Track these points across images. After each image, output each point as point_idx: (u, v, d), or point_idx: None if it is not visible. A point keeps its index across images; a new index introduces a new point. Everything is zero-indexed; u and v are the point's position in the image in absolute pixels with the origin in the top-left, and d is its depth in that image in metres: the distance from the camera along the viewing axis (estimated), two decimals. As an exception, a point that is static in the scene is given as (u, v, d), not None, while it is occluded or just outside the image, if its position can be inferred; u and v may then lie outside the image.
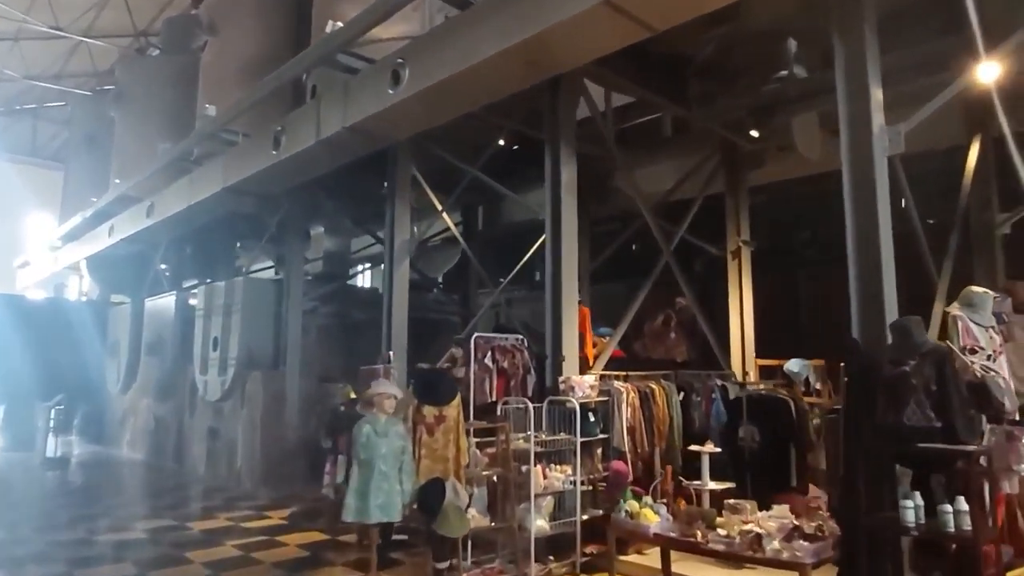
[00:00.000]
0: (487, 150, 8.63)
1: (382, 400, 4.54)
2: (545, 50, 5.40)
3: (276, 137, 8.21)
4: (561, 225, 6.03)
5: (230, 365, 9.58)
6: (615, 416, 5.82)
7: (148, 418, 12.17)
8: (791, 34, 6.13)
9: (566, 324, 5.86)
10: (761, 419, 5.50)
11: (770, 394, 5.65)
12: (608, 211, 10.60)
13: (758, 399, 5.63)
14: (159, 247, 13.34)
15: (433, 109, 6.54)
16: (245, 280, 9.87)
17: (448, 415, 4.85)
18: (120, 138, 15.79)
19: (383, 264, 13.14)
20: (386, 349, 7.63)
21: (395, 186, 7.83)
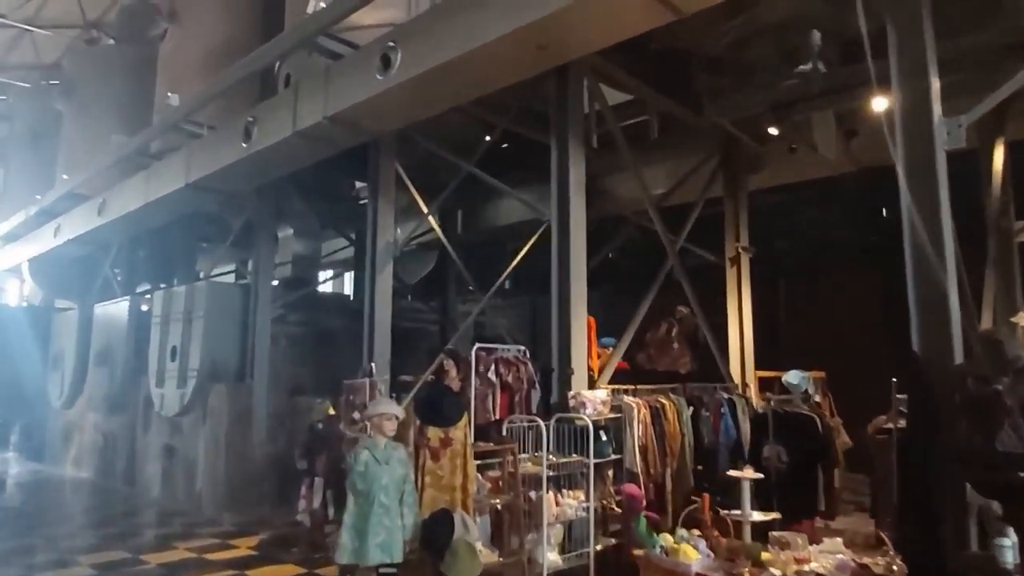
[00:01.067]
0: (474, 147, 8.14)
1: (382, 421, 3.95)
2: (558, 33, 4.92)
3: (247, 128, 7.51)
4: (570, 226, 5.54)
5: (190, 377, 8.79)
6: (626, 434, 5.34)
7: (95, 434, 11.20)
8: (810, 26, 5.77)
9: (575, 335, 5.36)
10: (787, 437, 5.09)
11: (795, 410, 5.24)
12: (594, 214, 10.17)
13: (784, 416, 5.21)
14: (110, 249, 12.38)
15: (427, 98, 5.99)
16: (208, 284, 9.10)
17: (455, 438, 4.29)
18: (68, 132, 14.74)
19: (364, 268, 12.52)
20: (368, 361, 7.00)
21: (377, 183, 7.23)
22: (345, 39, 6.68)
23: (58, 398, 12.48)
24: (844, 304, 9.83)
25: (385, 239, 7.21)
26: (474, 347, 5.29)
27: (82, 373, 11.93)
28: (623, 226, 9.11)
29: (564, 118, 5.76)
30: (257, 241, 8.99)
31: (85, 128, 14.38)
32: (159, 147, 10.31)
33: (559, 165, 5.73)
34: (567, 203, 5.59)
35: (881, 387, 7.91)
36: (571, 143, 5.68)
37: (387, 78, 5.90)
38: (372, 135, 6.94)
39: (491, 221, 11.63)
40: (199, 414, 8.75)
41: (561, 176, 5.69)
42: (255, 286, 8.82)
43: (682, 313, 7.45)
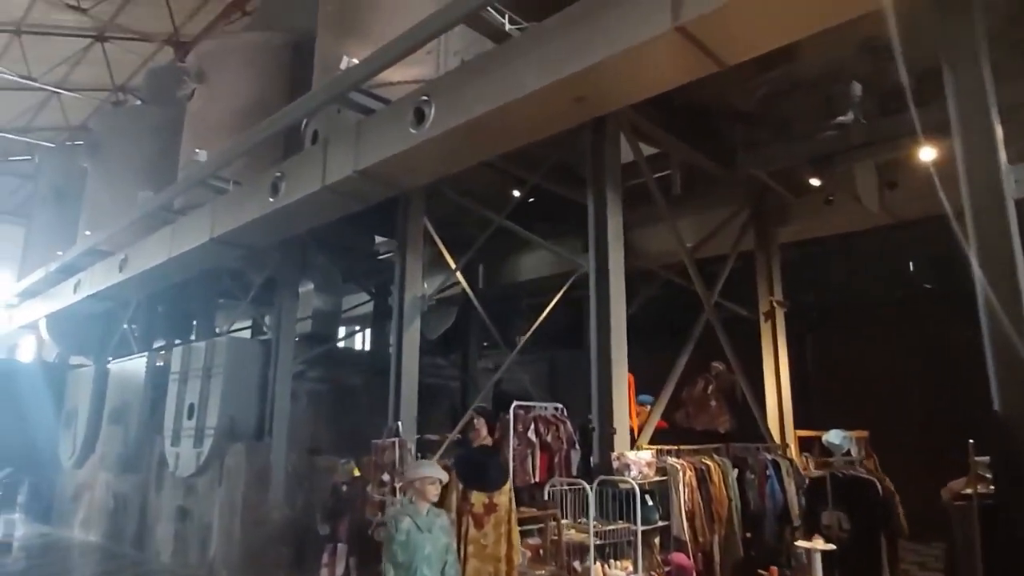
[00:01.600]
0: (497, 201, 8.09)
1: (425, 486, 3.70)
2: (597, 85, 4.87)
3: (275, 183, 7.51)
4: (609, 279, 5.37)
5: (207, 435, 8.55)
6: (673, 499, 5.04)
7: (106, 495, 10.87)
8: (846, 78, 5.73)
9: (616, 392, 5.12)
10: (846, 503, 4.77)
11: (854, 473, 4.94)
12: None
13: (842, 479, 4.91)
14: (129, 305, 12.33)
15: (460, 151, 5.95)
16: (228, 340, 8.96)
17: (499, 503, 4.02)
18: (92, 190, 14.90)
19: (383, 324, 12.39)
20: (394, 419, 6.75)
21: (405, 237, 7.14)
22: (376, 94, 6.70)
23: (69, 457, 12.20)
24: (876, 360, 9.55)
25: (413, 294, 7.06)
26: (512, 405, 5.06)
27: (95, 431, 11.69)
28: (650, 281, 8.96)
29: (601, 169, 5.67)
30: (279, 296, 8.88)
31: (109, 186, 14.54)
32: (182, 204, 10.35)
33: (596, 216, 5.61)
34: (605, 254, 5.44)
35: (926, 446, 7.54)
36: (609, 194, 5.58)
37: (420, 132, 5.87)
38: (402, 189, 6.89)
39: (512, 276, 11.51)
40: (215, 474, 8.46)
41: (599, 227, 5.56)
42: (276, 341, 8.66)
43: (717, 369, 7.21)
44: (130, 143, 14.66)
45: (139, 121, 15.04)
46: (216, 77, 11.77)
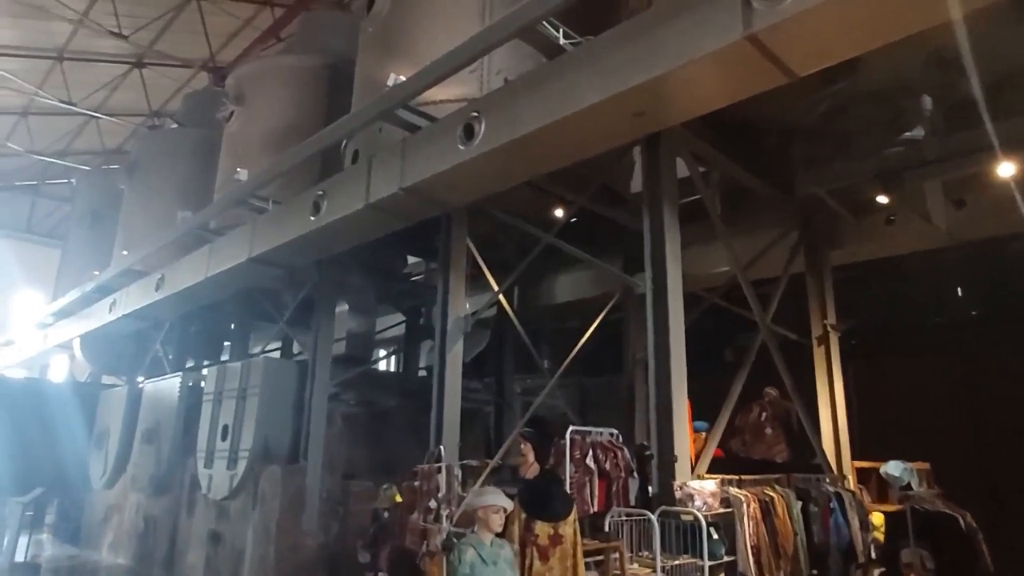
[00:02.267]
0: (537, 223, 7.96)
1: (488, 515, 3.48)
2: (659, 98, 4.72)
3: (316, 202, 7.44)
4: (667, 299, 5.16)
5: (241, 457, 8.40)
6: (738, 532, 4.75)
7: (136, 517, 10.75)
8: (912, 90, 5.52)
9: (677, 418, 4.87)
10: (931, 539, 4.46)
11: (935, 508, 4.63)
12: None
13: (924, 514, 4.60)
14: (162, 325, 12.33)
15: (510, 168, 5.82)
16: (264, 360, 8.83)
17: (565, 535, 3.78)
18: (128, 211, 15.06)
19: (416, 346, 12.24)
20: (435, 443, 6.54)
21: (448, 256, 6.99)
22: (423, 112, 6.62)
23: (100, 478, 12.13)
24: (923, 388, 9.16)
25: (456, 314, 6.90)
26: (569, 429, 4.83)
27: (126, 452, 11.62)
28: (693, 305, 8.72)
29: (657, 183, 5.49)
30: (317, 316, 8.76)
31: (145, 207, 14.69)
32: (218, 225, 10.34)
33: (653, 234, 5.41)
34: (663, 273, 5.24)
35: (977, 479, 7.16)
36: (666, 211, 5.39)
37: (469, 148, 5.75)
38: (447, 207, 6.77)
39: (547, 298, 11.33)
40: (248, 498, 8.29)
41: (656, 245, 5.37)
42: (313, 362, 8.53)
43: (771, 395, 6.93)
44: (166, 165, 14.83)
45: (175, 143, 15.22)
46: (254, 99, 11.86)
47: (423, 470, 6.06)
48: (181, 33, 18.91)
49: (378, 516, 6.21)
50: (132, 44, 18.42)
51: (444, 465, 5.65)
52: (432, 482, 5.91)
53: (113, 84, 21.44)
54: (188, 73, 21.45)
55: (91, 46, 19.22)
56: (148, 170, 14.99)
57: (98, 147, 24.75)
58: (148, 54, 19.80)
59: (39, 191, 28.30)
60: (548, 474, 4.26)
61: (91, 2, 17.04)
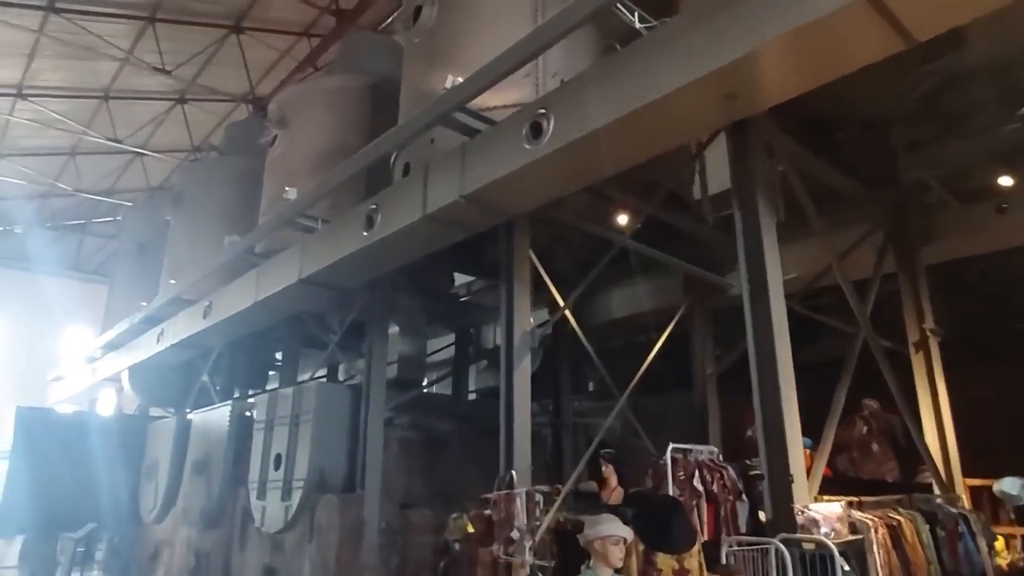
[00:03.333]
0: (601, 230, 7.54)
1: (607, 546, 3.00)
2: (755, 75, 4.27)
3: (369, 216, 7.12)
4: (768, 299, 4.64)
5: (296, 488, 8.01)
6: (869, 562, 4.16)
7: (187, 553, 10.43)
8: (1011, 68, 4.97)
9: (790, 433, 4.32)
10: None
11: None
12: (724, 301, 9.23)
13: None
14: (210, 355, 12.14)
15: (581, 167, 5.40)
16: (317, 385, 8.50)
17: (691, 568, 3.28)
18: (174, 241, 15.07)
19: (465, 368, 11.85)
20: (506, 468, 6.06)
21: (512, 268, 6.57)
22: (481, 115, 6.27)
23: (150, 511, 11.88)
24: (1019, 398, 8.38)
25: (522, 329, 6.45)
26: (669, 447, 4.32)
27: (176, 485, 11.36)
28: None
29: (748, 176, 5.00)
30: (369, 338, 8.41)
31: (190, 236, 14.67)
32: (264, 248, 10.13)
33: (747, 228, 4.92)
34: (762, 270, 4.72)
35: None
36: (760, 201, 4.89)
37: (537, 148, 5.37)
38: (510, 215, 6.38)
39: (603, 315, 10.83)
40: (304, 530, 7.88)
41: (752, 245, 4.86)
42: (367, 386, 8.15)
43: (871, 407, 6.30)
44: (210, 194, 14.83)
45: (219, 172, 15.25)
46: (297, 122, 11.74)
47: (496, 498, 5.57)
48: (221, 66, 19.17)
49: (448, 548, 5.74)
50: (175, 79, 18.70)
51: (524, 491, 5.16)
52: (508, 510, 5.43)
53: (157, 121, 21.84)
54: (229, 107, 21.76)
55: (135, 84, 19.60)
56: (193, 200, 15.02)
57: (143, 184, 25.20)
58: (190, 90, 20.12)
59: (86, 229, 28.91)
60: (667, 499, 3.76)
61: (136, 39, 17.37)
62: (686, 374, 9.51)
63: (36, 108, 19.40)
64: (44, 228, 27.57)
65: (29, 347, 26.21)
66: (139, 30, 17.13)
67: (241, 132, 16.53)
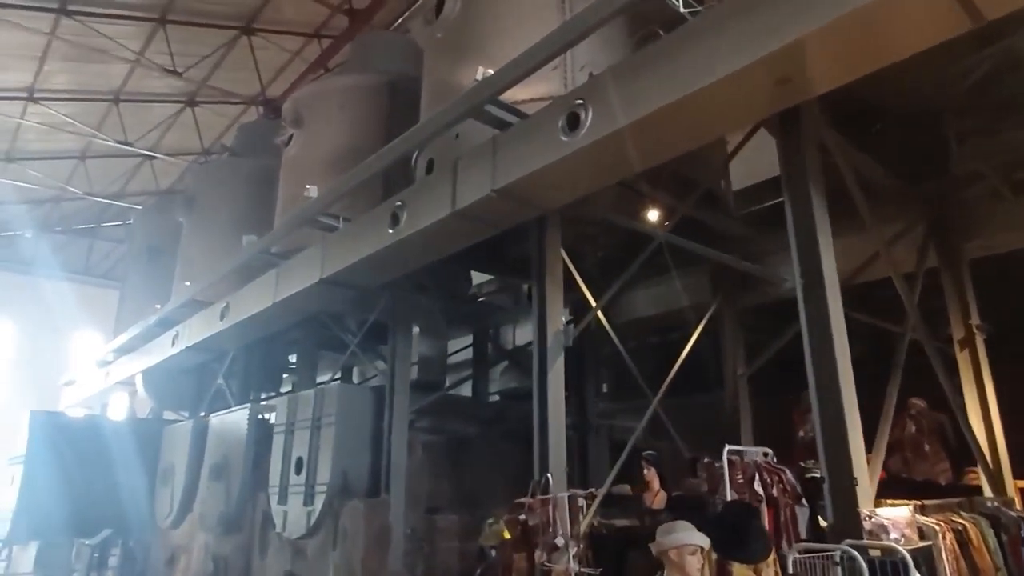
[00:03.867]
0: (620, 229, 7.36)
1: (684, 556, 2.81)
2: (812, 58, 4.07)
3: (395, 214, 6.94)
4: (825, 292, 4.44)
5: (318, 492, 7.83)
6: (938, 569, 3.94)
7: (205, 558, 10.25)
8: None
9: (851, 433, 4.11)
10: None
11: None
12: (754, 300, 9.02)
13: None
14: (225, 357, 11.98)
15: (620, 159, 5.20)
16: (339, 387, 8.32)
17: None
18: (187, 244, 14.92)
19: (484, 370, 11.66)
20: (540, 472, 5.86)
21: (544, 264, 6.38)
22: (514, 108, 6.09)
23: (165, 517, 11.71)
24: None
25: (555, 328, 6.26)
26: (725, 448, 4.12)
27: (192, 489, 11.19)
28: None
29: (800, 163, 4.79)
30: (393, 338, 8.22)
31: (203, 238, 14.53)
32: (281, 249, 9.96)
33: (799, 219, 4.71)
34: (817, 263, 4.52)
35: None
36: (813, 191, 4.69)
37: (574, 139, 5.18)
38: (543, 209, 6.19)
39: (626, 314, 10.62)
40: (327, 535, 7.69)
41: (803, 232, 4.65)
42: (391, 388, 7.96)
43: (918, 407, 6.07)
44: (223, 196, 14.68)
45: (231, 174, 15.09)
46: (313, 121, 11.58)
47: (532, 502, 5.38)
48: (231, 70, 19.08)
49: (484, 554, 5.54)
50: (185, 81, 18.60)
51: (566, 496, 4.96)
52: (545, 515, 5.23)
53: (167, 124, 21.75)
54: (239, 110, 21.67)
55: (145, 87, 19.52)
56: (205, 202, 14.87)
57: (153, 187, 25.12)
58: (200, 92, 20.03)
59: (96, 234, 28.87)
60: (742, 505, 3.55)
61: (146, 41, 17.27)
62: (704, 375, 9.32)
63: (46, 111, 19.33)
64: (54, 233, 27.53)
65: (39, 352, 26.16)
66: (150, 31, 17.04)
67: (253, 133, 16.40)
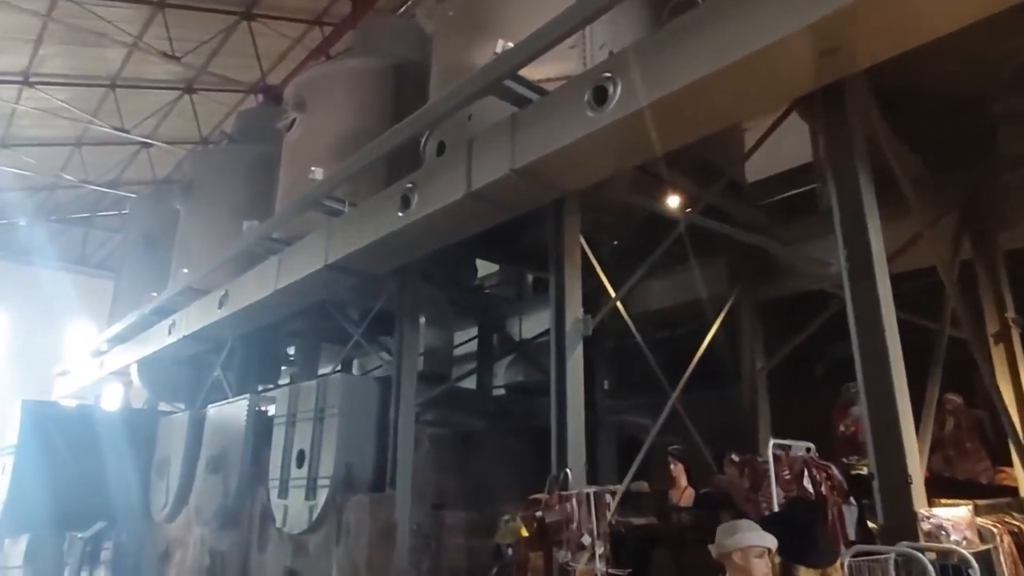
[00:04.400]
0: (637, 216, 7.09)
1: (748, 559, 2.53)
2: (862, 27, 3.78)
3: (405, 196, 6.64)
4: (875, 277, 4.15)
5: (321, 486, 7.54)
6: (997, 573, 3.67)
7: (201, 553, 9.95)
8: None
9: (904, 429, 3.82)
10: None
11: None
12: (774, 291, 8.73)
13: None
14: (223, 347, 11.66)
15: (651, 135, 4.90)
16: (342, 378, 8.02)
17: (835, 585, 2.81)
18: (184, 232, 14.58)
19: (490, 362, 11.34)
20: (557, 466, 5.57)
21: (562, 249, 6.08)
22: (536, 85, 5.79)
23: (160, 510, 11.41)
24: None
25: (574, 315, 5.96)
26: (770, 442, 3.84)
27: (189, 482, 10.88)
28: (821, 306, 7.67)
29: (846, 142, 4.50)
30: (399, 327, 7.91)
31: (201, 225, 14.19)
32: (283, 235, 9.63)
33: (844, 200, 4.41)
34: (865, 245, 4.22)
35: None
36: (860, 170, 4.39)
37: (601, 115, 4.89)
38: (562, 190, 5.90)
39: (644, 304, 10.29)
40: (330, 531, 7.40)
41: (850, 213, 4.34)
42: (397, 378, 7.66)
43: (954, 403, 5.79)
44: (222, 183, 14.33)
45: (231, 160, 14.74)
46: (316, 105, 11.23)
47: (550, 499, 5.09)
48: (231, 56, 18.71)
49: (501, 553, 5.25)
50: (184, 67, 18.23)
51: (591, 492, 4.67)
52: (563, 513, 4.95)
53: (164, 111, 21.35)
54: (238, 98, 21.28)
55: (143, 72, 19.15)
56: (204, 189, 14.52)
57: (149, 176, 24.72)
58: (199, 79, 19.66)
59: (91, 223, 28.48)
60: (808, 504, 3.27)
61: (145, 25, 16.90)
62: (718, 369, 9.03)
63: (42, 96, 18.94)
64: (48, 221, 27.12)
65: (33, 342, 25.75)
66: (148, 15, 16.67)
67: (253, 120, 16.03)
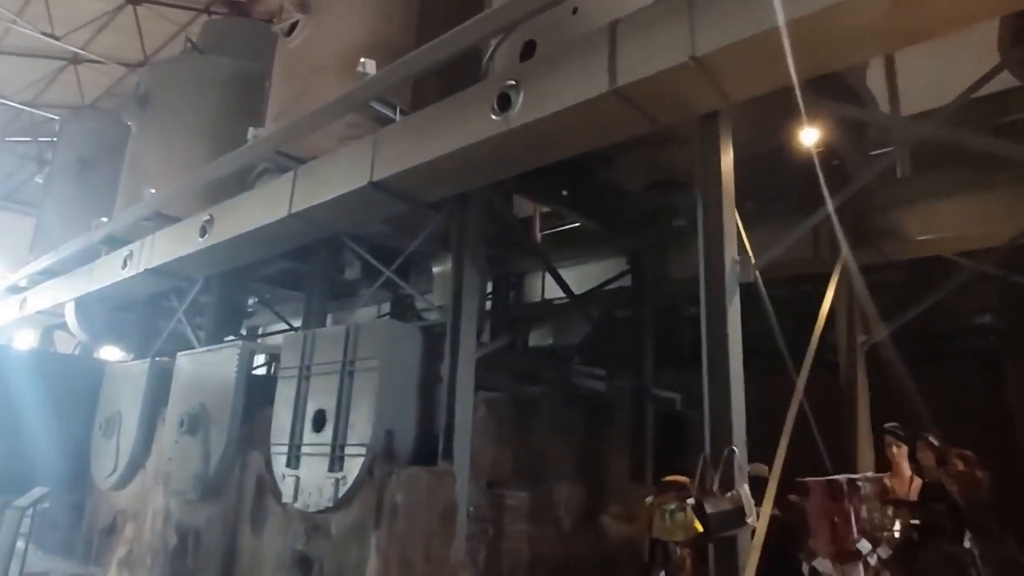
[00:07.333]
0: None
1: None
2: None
3: (505, 95, 5.21)
4: None
5: (352, 455, 6.09)
6: None
7: (165, 528, 8.23)
8: None
9: None
10: None
11: None
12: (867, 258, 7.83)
13: None
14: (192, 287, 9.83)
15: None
16: (387, 323, 6.54)
17: None
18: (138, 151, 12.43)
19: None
20: (711, 443, 4.39)
21: (716, 171, 4.83)
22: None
23: (107, 476, 9.55)
24: None
25: (730, 256, 4.74)
26: None
27: (146, 443, 9.10)
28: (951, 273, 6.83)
29: None
30: (459, 260, 6.43)
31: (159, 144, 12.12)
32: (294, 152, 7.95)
33: None
34: None
35: None
36: None
37: None
38: (730, 99, 4.64)
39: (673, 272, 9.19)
40: (365, 511, 5.96)
41: None
42: (455, 327, 6.23)
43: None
44: (186, 97, 12.27)
45: (198, 73, 12.64)
46: (325, 7, 9.48)
47: (707, 482, 3.90)
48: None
49: (669, 552, 4.02)
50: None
51: (845, 479, 3.51)
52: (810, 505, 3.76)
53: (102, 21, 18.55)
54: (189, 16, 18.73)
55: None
56: (164, 104, 12.41)
57: (76, 99, 21.67)
58: (146, -12, 17.11)
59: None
60: None
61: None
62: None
63: (-46, -16, 15.96)
64: (-59, 143, 23.57)
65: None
66: None
67: (224, 31, 13.93)
